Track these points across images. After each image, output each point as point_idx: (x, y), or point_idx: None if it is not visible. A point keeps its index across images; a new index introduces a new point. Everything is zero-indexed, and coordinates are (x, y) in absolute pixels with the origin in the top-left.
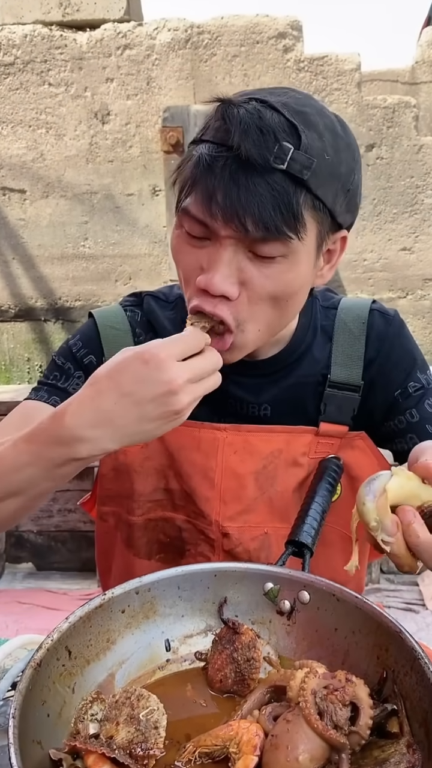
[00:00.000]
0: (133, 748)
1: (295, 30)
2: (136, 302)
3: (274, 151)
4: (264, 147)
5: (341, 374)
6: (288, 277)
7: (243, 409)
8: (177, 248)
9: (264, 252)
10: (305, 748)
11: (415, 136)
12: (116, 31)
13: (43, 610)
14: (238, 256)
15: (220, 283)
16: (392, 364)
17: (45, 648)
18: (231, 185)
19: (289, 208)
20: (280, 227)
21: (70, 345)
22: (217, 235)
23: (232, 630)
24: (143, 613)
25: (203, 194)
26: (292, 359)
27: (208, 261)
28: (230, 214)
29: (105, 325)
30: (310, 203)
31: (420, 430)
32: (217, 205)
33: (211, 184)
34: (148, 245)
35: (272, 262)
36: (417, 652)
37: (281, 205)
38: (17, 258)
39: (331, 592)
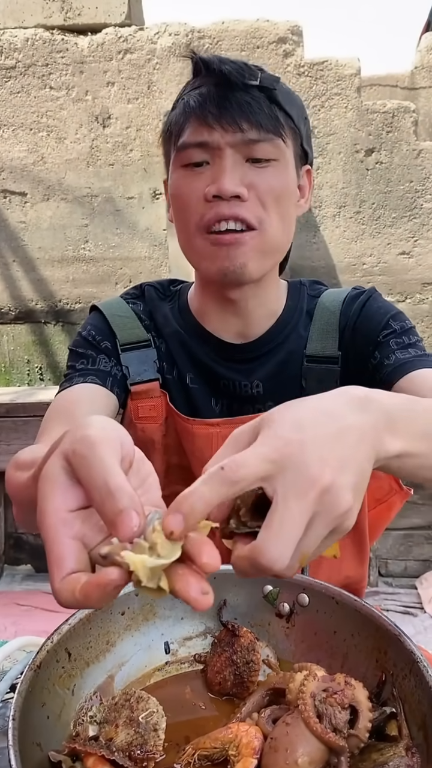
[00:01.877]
0: (133, 750)
1: (295, 35)
2: (136, 294)
3: (247, 71)
4: (239, 69)
5: (316, 347)
6: (283, 179)
7: (237, 389)
8: (179, 184)
9: (259, 153)
10: (304, 750)
11: (415, 141)
12: (117, 36)
13: (41, 612)
14: (239, 164)
15: (230, 184)
16: (363, 323)
17: (45, 650)
18: (221, 100)
19: (271, 112)
20: (267, 125)
21: (85, 335)
22: (216, 147)
23: (231, 632)
24: (143, 615)
25: (198, 118)
26: (280, 338)
27: (213, 175)
28: (227, 119)
29: (111, 313)
30: (283, 115)
31: (378, 367)
32: (214, 116)
33: (205, 107)
34: (148, 248)
35: (268, 165)
36: (416, 656)
37: (264, 109)
38: (17, 260)
39: (330, 595)
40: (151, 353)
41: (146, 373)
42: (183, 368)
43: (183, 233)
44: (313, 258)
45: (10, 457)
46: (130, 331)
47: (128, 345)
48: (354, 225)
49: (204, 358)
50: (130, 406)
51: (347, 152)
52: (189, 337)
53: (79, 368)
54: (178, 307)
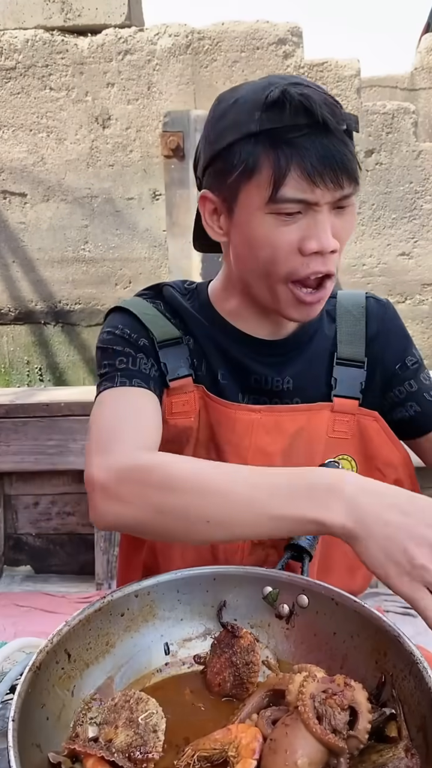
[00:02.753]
0: (132, 752)
1: (295, 36)
2: (153, 294)
3: (338, 116)
4: (332, 113)
5: (346, 351)
6: (354, 219)
7: (267, 383)
8: (268, 233)
9: (346, 203)
10: (304, 752)
11: (414, 142)
12: (117, 37)
13: (41, 613)
14: (329, 216)
15: (329, 242)
16: (390, 341)
17: (45, 651)
18: (323, 153)
19: (355, 158)
20: (356, 177)
21: (119, 333)
22: (316, 204)
23: (231, 634)
24: (142, 616)
25: (301, 174)
26: (306, 338)
27: (308, 230)
28: (332, 179)
29: (140, 312)
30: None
31: (419, 397)
32: (319, 174)
33: (308, 159)
34: (147, 249)
35: (346, 212)
36: (415, 657)
37: (352, 157)
38: (17, 261)
39: (330, 596)
40: (183, 350)
41: (181, 369)
42: (214, 364)
43: (262, 277)
44: None
45: (10, 457)
46: (162, 329)
47: (164, 342)
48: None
49: (235, 354)
50: (164, 403)
51: None
52: (218, 333)
53: (120, 368)
54: (200, 305)
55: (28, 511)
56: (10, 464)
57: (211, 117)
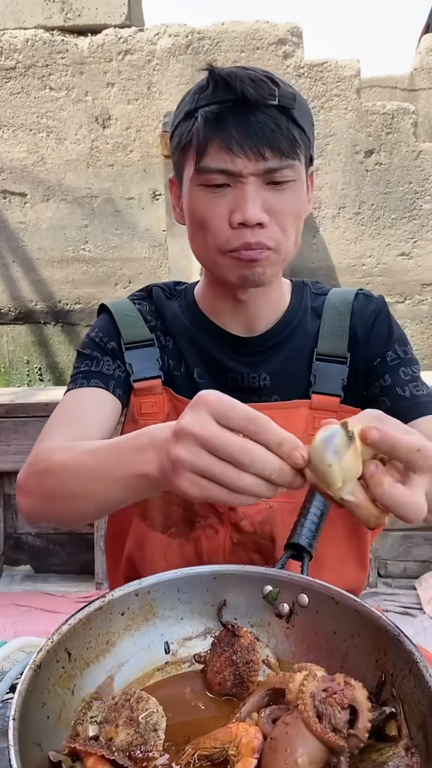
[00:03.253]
0: (133, 750)
1: (295, 36)
2: (143, 295)
3: (266, 91)
4: (259, 89)
5: (327, 346)
6: (298, 197)
7: (244, 381)
8: (199, 205)
9: (279, 178)
10: (304, 750)
11: (414, 142)
12: (117, 37)
13: (41, 612)
14: (260, 190)
15: (254, 213)
16: (373, 336)
17: (45, 650)
18: (244, 125)
19: (289, 134)
20: (288, 150)
21: (92, 337)
22: (239, 175)
23: (231, 633)
24: (143, 615)
25: (221, 143)
26: (286, 333)
27: (236, 201)
28: (251, 148)
29: (119, 312)
30: (297, 131)
31: (390, 392)
32: (237, 143)
33: (227, 131)
34: (147, 249)
35: (285, 188)
36: (415, 656)
37: (284, 132)
38: (17, 261)
39: (330, 596)
40: (153, 352)
41: (148, 370)
42: (191, 363)
43: (202, 248)
44: (312, 259)
45: (10, 457)
46: (135, 330)
47: (132, 344)
48: (353, 226)
49: (213, 352)
50: (132, 403)
51: (347, 153)
52: (198, 332)
53: (83, 370)
54: (186, 304)
55: None
56: (9, 464)
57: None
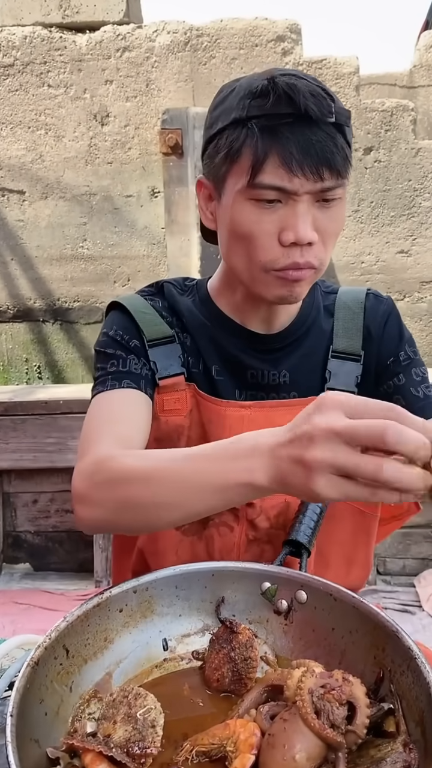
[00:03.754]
0: (131, 747)
1: (293, 33)
2: (154, 291)
3: (326, 107)
4: (320, 104)
5: (342, 344)
6: (342, 214)
7: (264, 378)
8: (244, 219)
9: (330, 197)
10: (302, 747)
11: (413, 140)
12: (116, 33)
13: (40, 610)
14: (311, 209)
15: (305, 233)
16: (386, 336)
17: (43, 647)
18: (304, 143)
19: (343, 153)
20: (342, 171)
21: (112, 335)
22: (294, 193)
23: (229, 629)
24: (141, 612)
25: (281, 159)
26: (302, 332)
27: (287, 220)
28: (310, 168)
29: (136, 310)
30: (348, 150)
31: (405, 391)
32: (298, 163)
33: (288, 148)
34: (146, 247)
35: (332, 206)
36: (413, 652)
37: (339, 151)
38: (16, 259)
39: (328, 592)
40: (175, 348)
41: (172, 368)
42: (209, 360)
43: (243, 263)
44: None
45: (8, 455)
46: (155, 327)
47: (155, 341)
48: (353, 223)
49: (231, 349)
50: (156, 400)
51: None
52: (216, 329)
53: (111, 371)
54: (200, 300)
55: (26, 509)
56: (8, 462)
57: (211, 105)
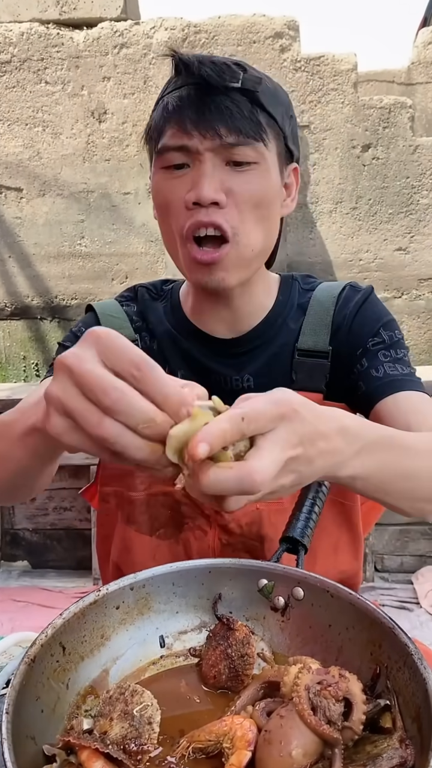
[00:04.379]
0: (127, 744)
1: (291, 30)
2: (130, 296)
3: (228, 73)
4: (220, 71)
5: (308, 341)
6: (263, 183)
7: (228, 384)
8: (159, 187)
9: (239, 157)
10: (298, 743)
11: (411, 137)
12: (113, 30)
13: (38, 608)
14: (218, 169)
15: (208, 191)
16: (355, 326)
17: (39, 644)
18: (200, 105)
19: (252, 116)
20: (247, 130)
21: (75, 332)
22: (195, 152)
23: (226, 626)
24: (138, 609)
25: (177, 122)
26: (270, 332)
27: (192, 180)
28: (205, 125)
29: (104, 313)
30: (265, 117)
31: (365, 375)
32: (192, 122)
33: (184, 112)
34: (144, 244)
35: (248, 169)
36: (410, 648)
37: (244, 112)
38: (13, 256)
39: (325, 589)
40: None
41: None
42: (174, 366)
43: (166, 236)
44: (309, 254)
45: None
46: (119, 331)
47: None
48: (350, 221)
49: (195, 354)
50: None
51: (344, 148)
52: (180, 335)
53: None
54: (170, 306)
55: (24, 507)
56: None
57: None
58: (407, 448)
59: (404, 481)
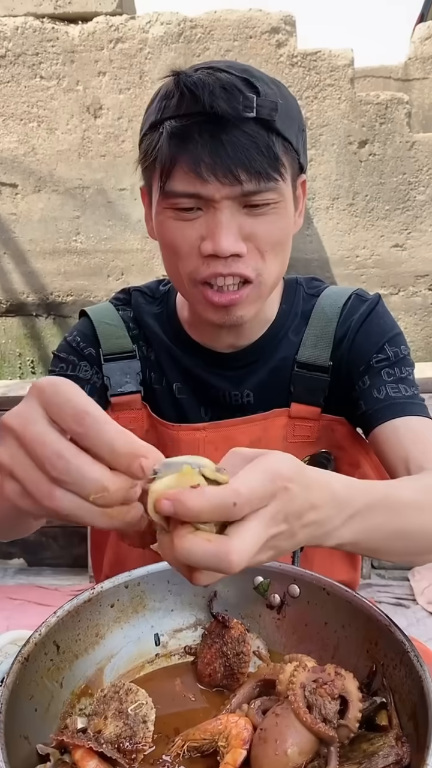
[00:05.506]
0: (122, 743)
1: (288, 25)
2: (125, 300)
3: (242, 102)
4: (232, 100)
5: (308, 354)
6: (283, 222)
7: (226, 398)
8: (168, 228)
9: (258, 201)
10: (294, 741)
11: (408, 133)
12: (108, 25)
13: (34, 606)
14: (236, 215)
15: (227, 244)
16: (360, 340)
17: (33, 642)
18: (214, 144)
19: (270, 152)
20: (267, 172)
21: (69, 341)
22: (211, 200)
23: (221, 624)
24: (132, 607)
25: (189, 164)
26: (272, 345)
27: (207, 229)
28: (222, 170)
29: (99, 320)
30: (281, 145)
31: (366, 395)
32: (208, 167)
33: (195, 152)
34: (140, 240)
35: (267, 212)
36: (406, 646)
37: (263, 150)
38: (8, 253)
39: (321, 586)
40: (134, 364)
41: (128, 385)
42: (171, 378)
43: (174, 275)
44: (306, 251)
45: None
46: (116, 341)
47: (111, 355)
48: (347, 217)
49: (192, 368)
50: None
51: (340, 144)
52: (176, 347)
53: (59, 374)
54: (167, 313)
55: None
56: None
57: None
58: (401, 507)
59: (396, 541)
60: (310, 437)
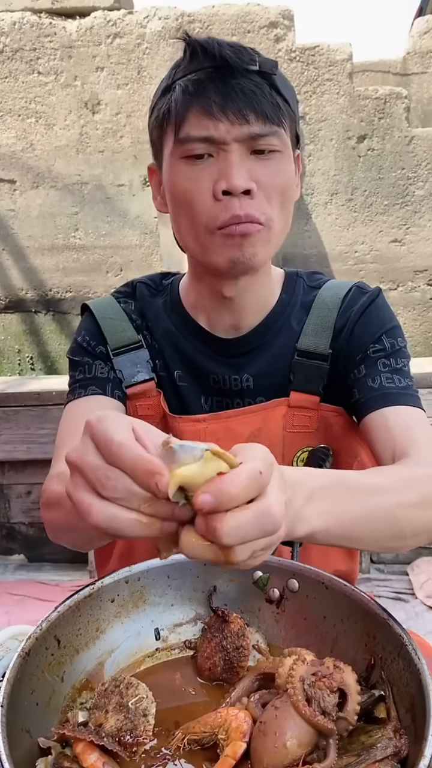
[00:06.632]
0: (122, 736)
1: (286, 19)
2: (128, 292)
3: (246, 56)
4: (239, 53)
5: (308, 343)
6: (286, 171)
7: (226, 383)
8: (179, 179)
9: (263, 146)
10: (293, 734)
11: (407, 128)
12: (106, 19)
13: (34, 601)
14: (244, 159)
15: (241, 180)
16: (357, 331)
17: (34, 637)
18: (226, 89)
19: (272, 99)
20: (271, 116)
21: (80, 342)
22: (222, 142)
23: (221, 618)
24: (133, 602)
25: (202, 110)
26: (272, 332)
27: (219, 171)
28: (232, 110)
29: (101, 316)
30: (281, 101)
31: (360, 384)
32: (219, 107)
33: (207, 96)
34: (139, 236)
35: (272, 158)
36: (404, 639)
37: (267, 96)
38: (7, 249)
39: (320, 581)
40: (143, 353)
41: (140, 374)
42: (172, 365)
43: (187, 230)
44: (305, 246)
45: (2, 446)
46: (121, 334)
47: (119, 349)
48: (346, 212)
49: (193, 354)
50: (129, 407)
51: (339, 139)
52: (179, 333)
53: (79, 378)
54: (170, 302)
55: (20, 500)
56: (2, 453)
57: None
58: (360, 490)
59: (363, 524)
60: (309, 427)
